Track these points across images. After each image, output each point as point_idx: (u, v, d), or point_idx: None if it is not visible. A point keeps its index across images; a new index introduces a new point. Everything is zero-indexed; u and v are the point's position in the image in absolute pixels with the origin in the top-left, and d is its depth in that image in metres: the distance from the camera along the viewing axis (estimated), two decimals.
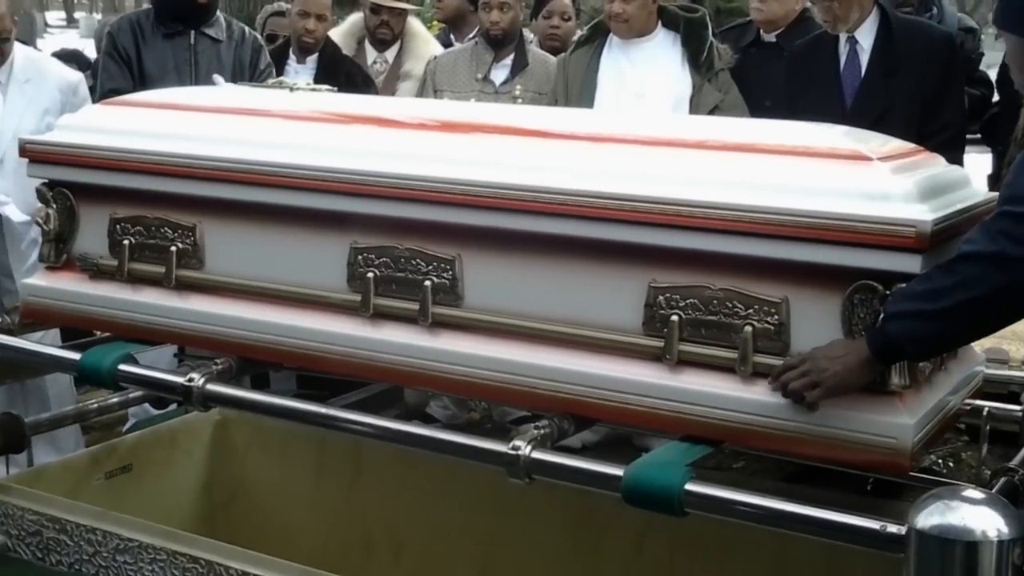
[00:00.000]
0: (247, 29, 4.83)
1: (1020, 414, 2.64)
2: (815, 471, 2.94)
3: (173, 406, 3.56)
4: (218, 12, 4.76)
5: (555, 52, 4.98)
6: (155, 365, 2.87)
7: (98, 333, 3.08)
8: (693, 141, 2.44)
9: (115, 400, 3.31)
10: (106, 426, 4.48)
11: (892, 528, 1.96)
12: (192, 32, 4.60)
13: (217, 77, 4.35)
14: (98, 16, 29.85)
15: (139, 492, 3.28)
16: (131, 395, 3.23)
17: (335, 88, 3.28)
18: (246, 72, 4.57)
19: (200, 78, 4.51)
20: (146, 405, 3.89)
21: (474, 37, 5.44)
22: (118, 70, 4.53)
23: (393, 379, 2.71)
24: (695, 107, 4.37)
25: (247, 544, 2.68)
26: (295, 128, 2.77)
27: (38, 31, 21.55)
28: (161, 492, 3.37)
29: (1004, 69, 4.60)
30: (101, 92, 4.45)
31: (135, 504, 3.07)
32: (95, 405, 3.42)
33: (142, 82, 4.43)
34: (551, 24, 5.28)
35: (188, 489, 3.49)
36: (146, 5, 5.01)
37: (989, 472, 2.27)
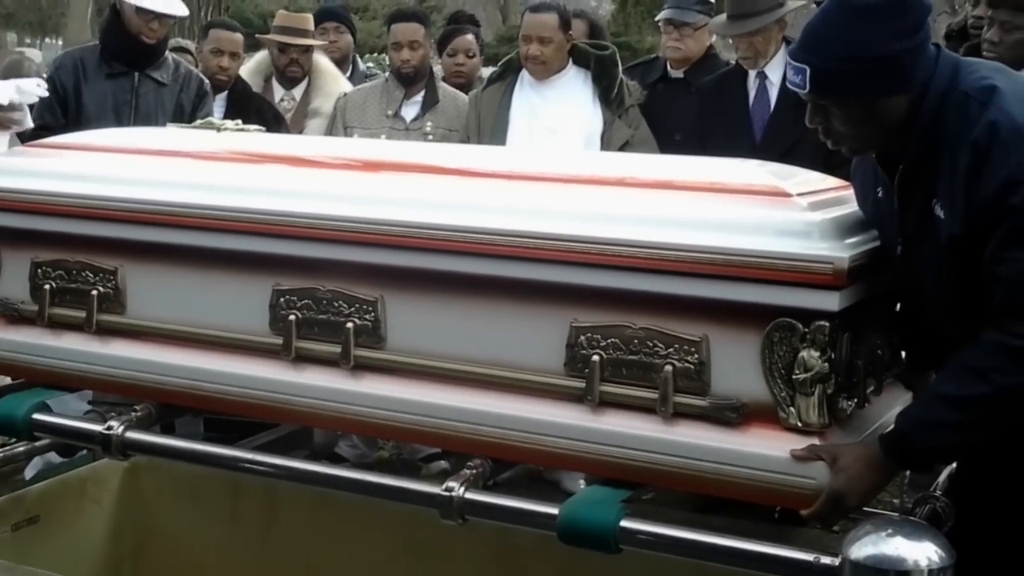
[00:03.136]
0: (195, 72, 4.70)
1: None
2: (725, 500, 2.97)
3: (82, 452, 3.48)
4: (167, 54, 4.64)
5: (461, 89, 5.01)
6: (66, 411, 2.82)
7: None
8: (613, 178, 2.45)
9: (21, 449, 3.21)
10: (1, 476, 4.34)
11: (825, 560, 1.99)
12: (136, 74, 4.49)
13: None
14: None
15: (47, 544, 3.18)
16: (37, 444, 3.14)
17: (263, 128, 3.24)
18: (185, 116, 4.43)
19: (139, 120, 4.40)
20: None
21: (351, 75, 5.46)
22: (48, 107, 4.41)
23: (316, 423, 2.69)
24: (606, 143, 4.40)
25: None
26: (218, 169, 2.75)
27: None
28: (70, 543, 3.27)
29: None
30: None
31: (42, 557, 2.99)
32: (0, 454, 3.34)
33: (79, 120, 4.32)
34: (456, 62, 5.30)
35: (98, 539, 3.39)
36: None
37: (911, 501, 2.30)
